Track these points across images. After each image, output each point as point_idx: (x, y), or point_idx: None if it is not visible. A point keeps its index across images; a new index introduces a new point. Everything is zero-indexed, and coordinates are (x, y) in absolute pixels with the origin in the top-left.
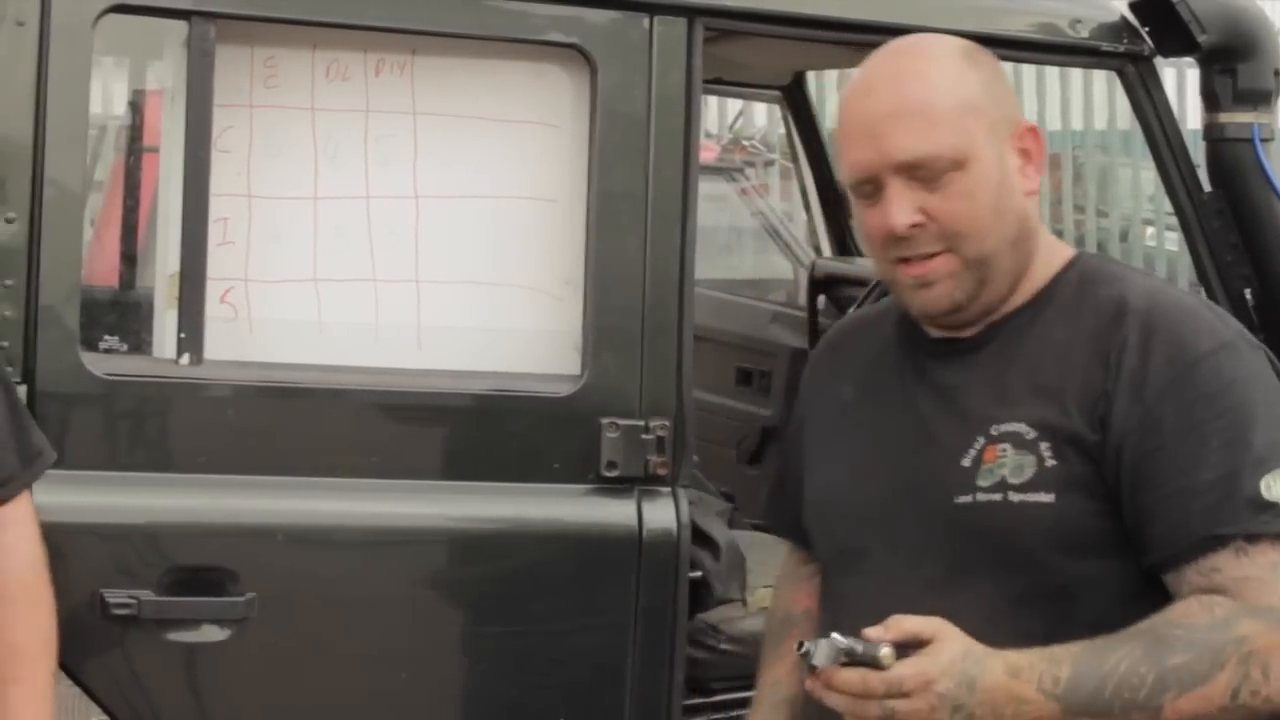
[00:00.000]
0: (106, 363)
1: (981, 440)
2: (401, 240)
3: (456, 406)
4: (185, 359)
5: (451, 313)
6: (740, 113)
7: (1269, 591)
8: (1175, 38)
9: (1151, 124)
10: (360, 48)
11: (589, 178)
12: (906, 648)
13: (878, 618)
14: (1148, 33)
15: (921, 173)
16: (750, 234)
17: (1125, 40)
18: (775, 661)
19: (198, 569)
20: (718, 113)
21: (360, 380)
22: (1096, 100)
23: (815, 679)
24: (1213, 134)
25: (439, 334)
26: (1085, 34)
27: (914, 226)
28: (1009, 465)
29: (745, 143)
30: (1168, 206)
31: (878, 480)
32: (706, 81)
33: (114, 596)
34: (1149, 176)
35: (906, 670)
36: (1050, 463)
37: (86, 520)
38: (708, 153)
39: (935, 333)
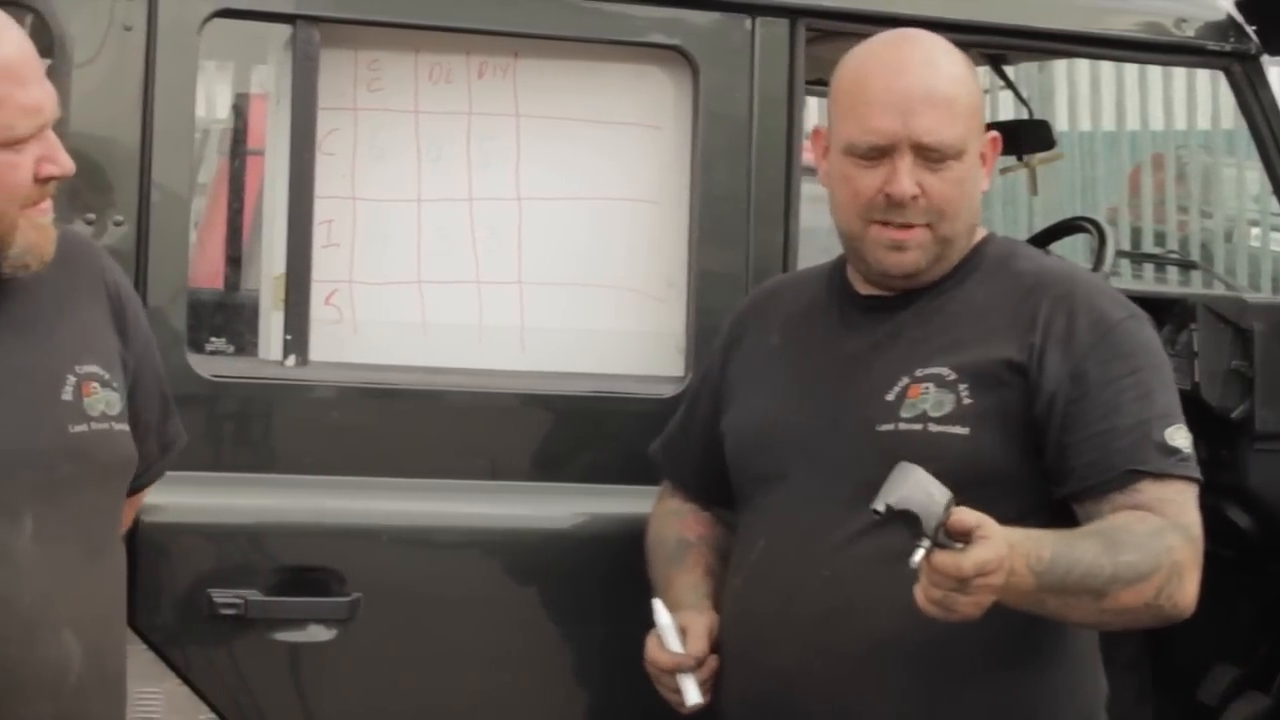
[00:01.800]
0: (213, 364)
1: (905, 379)
2: (504, 242)
3: (560, 408)
4: (291, 360)
5: (554, 314)
6: None
7: (1182, 511)
8: None
9: (1258, 123)
10: (463, 50)
11: (691, 179)
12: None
13: (794, 530)
14: (1254, 31)
15: (931, 154)
16: None
17: (1231, 39)
18: (685, 571)
19: (304, 569)
20: (819, 114)
21: (464, 382)
22: (1200, 99)
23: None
24: None
25: (542, 335)
26: (1191, 33)
27: (913, 198)
28: (930, 401)
29: None
30: (1273, 207)
31: (803, 412)
32: (809, 82)
33: (221, 596)
34: (1254, 177)
35: (988, 554)
36: (967, 401)
37: (194, 521)
38: (810, 154)
39: (865, 290)
